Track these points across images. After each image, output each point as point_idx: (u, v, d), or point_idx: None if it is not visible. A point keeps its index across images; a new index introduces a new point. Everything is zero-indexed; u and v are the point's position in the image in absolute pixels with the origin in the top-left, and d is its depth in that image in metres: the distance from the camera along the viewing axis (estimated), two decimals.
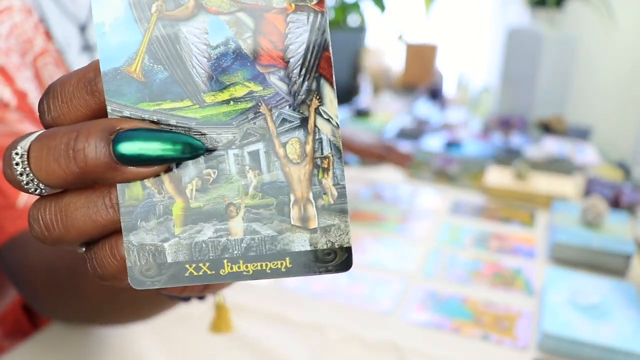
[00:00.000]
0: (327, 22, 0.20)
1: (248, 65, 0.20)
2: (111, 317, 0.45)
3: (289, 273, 0.21)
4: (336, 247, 0.21)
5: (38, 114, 0.21)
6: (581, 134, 1.35)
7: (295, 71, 0.20)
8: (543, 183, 0.97)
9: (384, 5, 1.87)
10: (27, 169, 0.20)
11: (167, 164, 0.20)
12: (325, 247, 0.21)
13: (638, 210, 0.89)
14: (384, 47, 2.03)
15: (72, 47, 0.57)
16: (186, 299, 0.34)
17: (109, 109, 0.20)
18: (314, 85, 0.20)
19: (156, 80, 0.20)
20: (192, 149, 0.20)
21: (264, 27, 0.20)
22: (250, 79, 0.20)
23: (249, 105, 0.20)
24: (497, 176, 0.99)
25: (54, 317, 0.53)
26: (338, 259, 0.21)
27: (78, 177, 0.20)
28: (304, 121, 0.20)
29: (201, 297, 0.35)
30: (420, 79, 1.83)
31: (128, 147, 0.19)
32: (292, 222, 0.20)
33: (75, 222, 0.21)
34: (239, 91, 0.20)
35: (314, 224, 0.20)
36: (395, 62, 1.96)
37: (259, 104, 0.20)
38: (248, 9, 0.19)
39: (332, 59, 0.20)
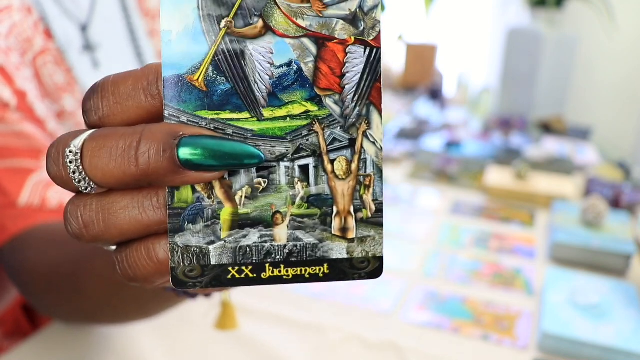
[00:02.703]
0: (381, 56, 0.21)
1: (307, 87, 0.21)
2: (114, 315, 0.45)
3: (325, 278, 0.22)
4: (370, 256, 0.22)
5: (82, 112, 0.21)
6: (581, 134, 1.35)
7: (349, 97, 0.21)
8: (543, 183, 0.97)
9: (384, 5, 1.87)
10: (81, 167, 0.20)
11: (227, 170, 0.21)
12: (360, 255, 0.22)
13: (638, 210, 0.89)
14: (384, 47, 2.03)
15: (72, 46, 0.57)
16: (193, 296, 0.34)
17: (166, 113, 0.20)
18: (364, 111, 0.22)
19: (217, 91, 0.21)
20: (254, 159, 0.20)
21: (325, 54, 0.21)
22: (307, 99, 0.21)
23: (304, 123, 0.21)
24: (497, 176, 0.99)
25: (55, 316, 0.53)
26: (371, 267, 0.22)
27: (135, 179, 0.20)
28: (352, 142, 0.22)
29: (207, 294, 0.35)
30: (420, 79, 1.83)
31: (192, 153, 0.20)
32: (333, 232, 0.22)
33: (117, 222, 0.20)
34: (296, 109, 0.21)
35: (352, 235, 0.22)
36: (395, 62, 1.96)
37: (313, 122, 0.21)
38: (312, 36, 0.21)
39: (382, 89, 0.22)
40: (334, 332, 0.58)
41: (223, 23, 0.20)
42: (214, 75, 0.20)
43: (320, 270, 0.22)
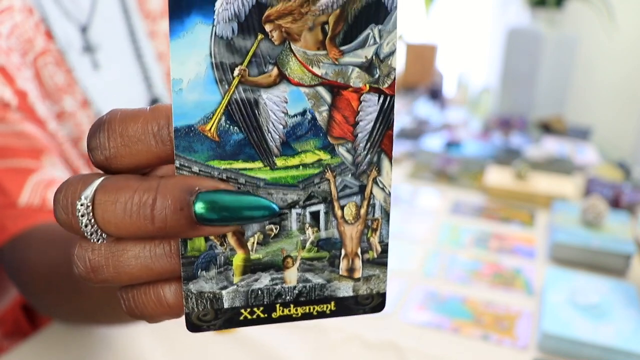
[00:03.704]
0: (394, 104, 0.21)
1: (320, 136, 0.21)
2: (114, 316, 0.45)
3: (332, 314, 0.23)
4: (374, 292, 0.23)
5: (87, 149, 0.20)
6: (581, 134, 1.35)
7: (361, 145, 0.21)
8: (543, 183, 0.97)
9: None
10: (93, 220, 0.20)
11: (244, 224, 0.21)
12: (365, 292, 0.23)
13: (638, 210, 0.89)
14: None
15: (73, 47, 0.57)
16: None
17: (177, 163, 0.20)
18: (375, 159, 0.22)
19: (230, 141, 0.20)
20: (271, 212, 0.20)
21: (339, 102, 0.21)
22: (320, 148, 0.21)
23: (316, 171, 0.21)
24: (497, 176, 0.99)
25: (55, 316, 0.53)
26: (374, 302, 0.23)
27: (151, 233, 0.20)
28: (362, 188, 0.22)
29: None
30: (420, 79, 1.83)
31: (209, 210, 0.19)
32: (340, 272, 0.23)
33: (128, 268, 0.20)
34: (309, 158, 0.21)
35: (358, 275, 0.23)
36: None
37: (325, 170, 0.21)
38: (327, 84, 0.21)
39: (393, 137, 0.22)
40: (335, 332, 0.58)
41: (236, 71, 0.19)
42: (227, 125, 0.20)
43: (327, 307, 0.23)
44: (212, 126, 0.20)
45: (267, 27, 0.19)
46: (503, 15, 1.90)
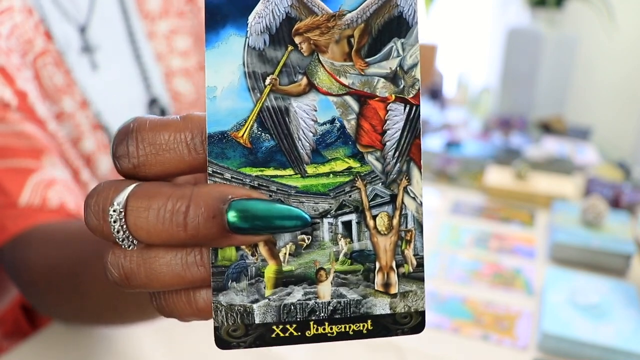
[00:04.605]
0: (421, 113, 0.22)
1: (349, 144, 0.21)
2: (114, 317, 0.45)
3: (369, 335, 0.22)
4: (412, 311, 0.22)
5: (114, 157, 0.20)
6: (581, 134, 1.35)
7: (390, 153, 0.22)
8: (543, 183, 0.97)
9: None
10: (125, 226, 0.20)
11: (276, 233, 0.21)
12: (402, 310, 0.22)
13: (638, 210, 0.89)
14: None
15: (72, 47, 0.57)
16: None
17: (209, 169, 0.20)
18: (404, 167, 0.22)
19: (262, 148, 0.21)
20: (303, 222, 0.20)
21: (366, 111, 0.21)
22: (350, 156, 0.21)
23: (347, 179, 0.21)
24: (497, 176, 0.99)
25: (55, 317, 0.53)
26: (413, 322, 0.22)
27: (182, 241, 0.20)
28: (393, 198, 0.22)
29: None
30: (421, 79, 1.83)
31: (242, 219, 0.19)
32: (376, 288, 0.22)
33: (159, 276, 0.20)
34: (339, 166, 0.21)
35: (394, 290, 0.22)
36: None
37: (356, 179, 0.22)
38: (354, 94, 0.21)
39: (421, 145, 0.22)
40: None
41: (268, 80, 0.20)
42: (259, 132, 0.20)
43: (364, 326, 0.22)
44: (244, 133, 0.20)
45: (297, 40, 0.21)
46: (503, 15, 1.90)
